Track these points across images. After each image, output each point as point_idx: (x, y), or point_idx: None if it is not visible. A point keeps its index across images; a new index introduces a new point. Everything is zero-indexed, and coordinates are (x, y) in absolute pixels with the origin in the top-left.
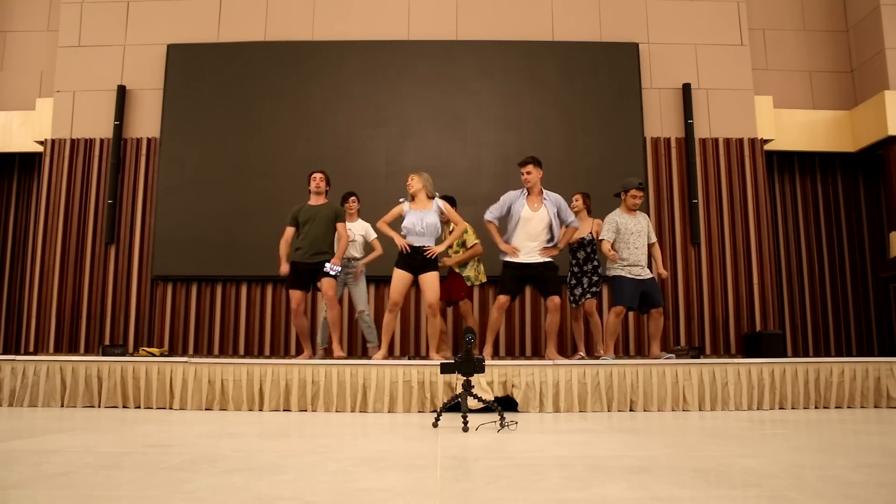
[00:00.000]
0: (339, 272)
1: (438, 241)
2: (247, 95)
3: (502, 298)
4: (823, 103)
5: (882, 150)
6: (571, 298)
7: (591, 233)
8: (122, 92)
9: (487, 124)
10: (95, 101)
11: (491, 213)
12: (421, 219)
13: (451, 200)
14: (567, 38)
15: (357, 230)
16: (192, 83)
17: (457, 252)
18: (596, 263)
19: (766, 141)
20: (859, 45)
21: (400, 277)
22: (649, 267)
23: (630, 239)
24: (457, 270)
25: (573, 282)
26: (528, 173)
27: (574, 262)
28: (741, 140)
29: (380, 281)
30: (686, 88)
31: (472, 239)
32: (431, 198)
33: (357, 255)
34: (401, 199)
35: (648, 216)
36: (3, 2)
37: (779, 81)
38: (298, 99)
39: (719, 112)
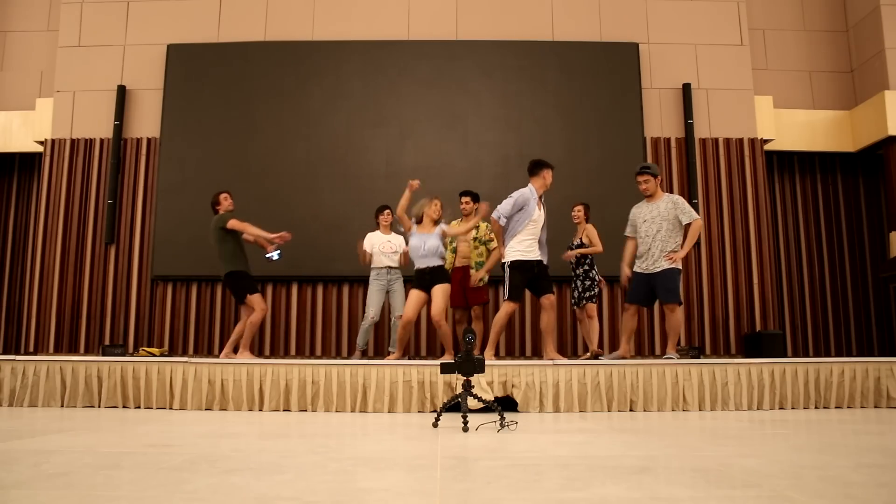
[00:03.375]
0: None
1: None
2: (247, 95)
3: (512, 305)
4: (823, 103)
5: (882, 150)
6: (573, 302)
7: (580, 238)
8: (122, 92)
9: (487, 124)
10: (95, 101)
11: (504, 216)
12: (423, 242)
13: (475, 196)
14: (567, 38)
15: (395, 241)
16: (192, 83)
17: (476, 248)
18: (587, 267)
19: (766, 141)
20: (859, 45)
21: (415, 296)
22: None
23: (642, 228)
24: (481, 281)
25: (572, 285)
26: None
27: (570, 265)
28: (741, 140)
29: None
30: (686, 88)
31: (491, 241)
32: (436, 222)
33: (396, 264)
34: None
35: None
36: (3, 2)
37: (779, 81)
38: (298, 99)
39: (719, 112)
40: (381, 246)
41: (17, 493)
